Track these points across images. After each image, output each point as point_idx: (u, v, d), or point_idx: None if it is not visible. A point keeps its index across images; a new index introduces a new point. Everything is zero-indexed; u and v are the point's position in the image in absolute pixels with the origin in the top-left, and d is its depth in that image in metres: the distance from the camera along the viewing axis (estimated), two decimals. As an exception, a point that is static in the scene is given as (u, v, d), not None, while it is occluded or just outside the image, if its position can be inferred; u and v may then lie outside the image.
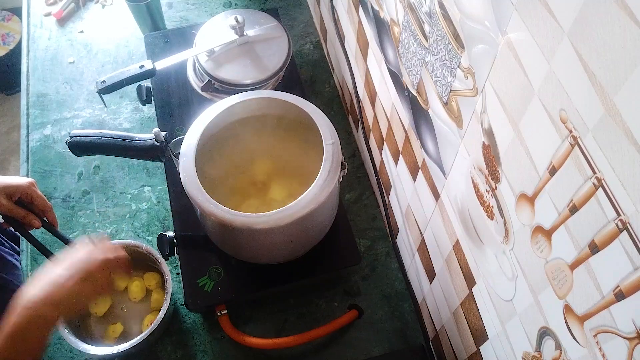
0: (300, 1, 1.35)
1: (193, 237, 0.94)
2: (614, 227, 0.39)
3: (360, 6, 0.91)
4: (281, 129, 0.90)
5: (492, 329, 0.67)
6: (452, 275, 0.77)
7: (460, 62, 0.58)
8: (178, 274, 0.99)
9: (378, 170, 1.04)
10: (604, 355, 0.45)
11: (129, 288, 0.94)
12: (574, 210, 0.44)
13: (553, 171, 0.46)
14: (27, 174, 1.11)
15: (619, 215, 0.39)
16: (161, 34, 1.17)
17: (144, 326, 0.91)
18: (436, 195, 0.76)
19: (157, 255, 0.91)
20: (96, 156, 1.12)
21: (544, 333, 0.54)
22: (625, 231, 0.38)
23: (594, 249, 0.42)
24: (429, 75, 0.68)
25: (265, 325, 0.96)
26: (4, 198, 0.83)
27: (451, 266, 0.77)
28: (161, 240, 0.91)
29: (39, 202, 0.88)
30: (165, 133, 0.88)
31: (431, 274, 0.87)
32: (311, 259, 0.91)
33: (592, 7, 0.36)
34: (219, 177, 0.88)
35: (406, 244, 0.96)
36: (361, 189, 1.11)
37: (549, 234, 0.49)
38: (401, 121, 0.83)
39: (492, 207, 0.59)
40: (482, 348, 0.73)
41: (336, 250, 0.93)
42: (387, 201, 1.02)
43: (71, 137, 0.87)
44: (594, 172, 0.40)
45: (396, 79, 0.81)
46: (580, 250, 0.44)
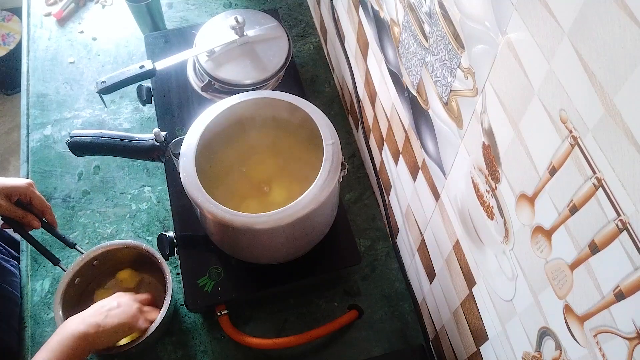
0: (300, 1, 1.35)
1: (193, 237, 0.94)
2: (614, 227, 0.39)
3: (360, 6, 0.91)
4: (281, 129, 0.90)
5: (492, 329, 0.67)
6: (452, 275, 0.77)
7: (460, 62, 0.58)
8: (178, 274, 0.99)
9: (378, 170, 1.04)
10: (604, 355, 0.45)
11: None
12: (574, 210, 0.44)
13: (553, 171, 0.46)
14: (27, 174, 1.11)
15: (619, 215, 0.39)
16: (161, 34, 1.17)
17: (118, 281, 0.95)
18: (436, 195, 0.76)
19: (157, 255, 0.91)
20: (96, 156, 1.12)
21: (544, 333, 0.54)
22: (625, 231, 0.38)
23: (594, 249, 0.42)
24: (429, 75, 0.68)
25: (265, 325, 0.96)
26: (2, 199, 0.84)
27: (451, 266, 0.77)
28: (161, 241, 0.91)
29: (37, 202, 0.88)
30: (165, 133, 0.88)
31: (431, 274, 0.87)
32: (311, 259, 0.91)
33: (592, 7, 0.36)
34: (219, 177, 0.88)
35: (406, 244, 0.96)
36: (361, 189, 1.11)
37: (549, 234, 0.49)
38: (401, 121, 0.83)
39: (492, 207, 0.59)
40: (482, 348, 0.73)
41: (336, 250, 0.93)
42: (387, 201, 1.02)
43: (71, 137, 0.87)
44: (594, 172, 0.40)
45: (396, 79, 0.81)
46: (580, 250, 0.44)
